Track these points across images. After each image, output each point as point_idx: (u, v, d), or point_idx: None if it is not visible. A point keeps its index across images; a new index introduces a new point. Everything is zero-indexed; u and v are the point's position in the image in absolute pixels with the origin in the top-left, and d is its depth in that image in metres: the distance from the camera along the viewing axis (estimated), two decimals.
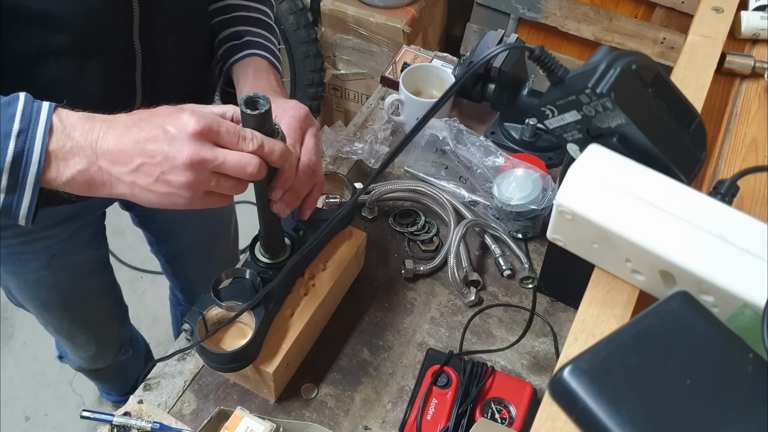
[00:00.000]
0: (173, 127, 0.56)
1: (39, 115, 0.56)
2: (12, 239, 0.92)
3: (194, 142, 0.56)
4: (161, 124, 0.56)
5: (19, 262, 0.97)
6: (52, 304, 1.08)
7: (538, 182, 0.95)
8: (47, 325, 1.17)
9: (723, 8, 0.86)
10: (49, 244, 0.96)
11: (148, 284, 2.02)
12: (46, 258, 0.97)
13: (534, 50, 0.59)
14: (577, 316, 0.56)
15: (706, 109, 0.78)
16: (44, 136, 0.55)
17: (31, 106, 0.56)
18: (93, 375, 1.45)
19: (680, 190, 0.54)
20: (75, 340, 1.21)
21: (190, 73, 0.90)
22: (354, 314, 0.94)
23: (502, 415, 0.81)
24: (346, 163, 1.12)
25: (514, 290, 0.98)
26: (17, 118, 0.55)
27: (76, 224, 0.98)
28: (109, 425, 0.80)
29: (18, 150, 0.55)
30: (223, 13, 0.89)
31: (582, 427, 0.44)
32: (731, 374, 0.43)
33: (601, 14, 1.91)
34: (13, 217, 0.59)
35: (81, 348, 1.25)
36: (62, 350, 1.39)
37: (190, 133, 0.56)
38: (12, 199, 0.57)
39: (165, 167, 0.56)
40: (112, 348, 1.31)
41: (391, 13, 1.96)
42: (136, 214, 1.19)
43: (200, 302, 0.77)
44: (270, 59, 0.87)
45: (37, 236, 0.94)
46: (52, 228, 0.94)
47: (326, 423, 0.83)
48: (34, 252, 0.96)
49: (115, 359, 1.33)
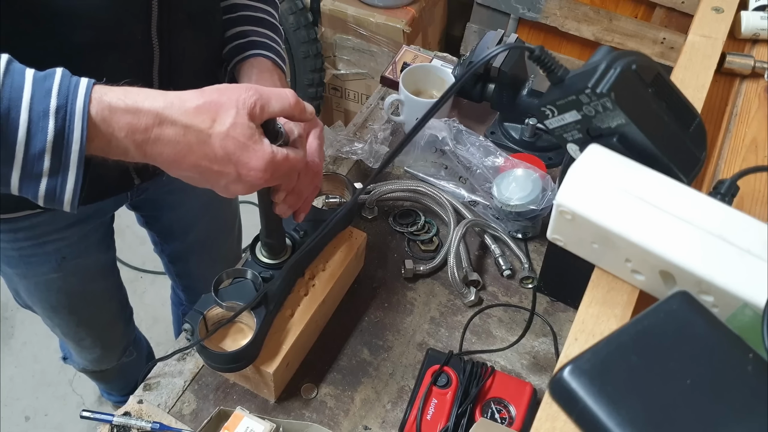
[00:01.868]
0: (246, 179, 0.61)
1: (78, 89, 0.54)
2: (23, 242, 0.92)
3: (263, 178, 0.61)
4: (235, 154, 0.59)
5: (30, 265, 0.97)
6: (60, 307, 1.08)
7: (537, 182, 0.95)
8: (54, 328, 1.17)
9: (723, 8, 0.86)
10: (59, 246, 0.96)
11: (148, 284, 2.02)
12: (57, 261, 0.97)
13: (534, 50, 0.59)
14: (577, 316, 0.56)
15: (706, 109, 0.78)
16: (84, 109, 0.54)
17: (69, 80, 0.55)
18: (96, 376, 1.45)
19: (680, 190, 0.54)
20: (81, 342, 1.21)
21: (204, 69, 0.90)
22: (354, 314, 0.94)
23: (502, 415, 0.81)
24: (346, 163, 1.12)
25: (514, 290, 0.98)
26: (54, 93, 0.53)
27: (87, 226, 0.98)
28: (109, 425, 0.80)
29: (59, 127, 0.53)
30: (228, 12, 0.90)
31: (582, 427, 0.44)
32: (731, 374, 0.43)
33: (601, 14, 1.91)
34: (57, 202, 0.56)
35: (87, 350, 1.25)
36: (67, 351, 1.39)
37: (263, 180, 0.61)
38: (56, 183, 0.55)
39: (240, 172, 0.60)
40: (117, 350, 1.31)
41: (391, 13, 1.96)
42: (143, 214, 1.19)
43: (201, 302, 0.77)
44: (274, 59, 0.87)
45: (48, 239, 0.94)
46: (64, 230, 0.94)
47: (326, 423, 0.83)
48: (45, 255, 0.96)
49: (119, 361, 1.33)
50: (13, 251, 0.94)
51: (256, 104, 0.59)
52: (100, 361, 1.30)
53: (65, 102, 0.53)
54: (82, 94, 0.54)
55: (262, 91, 0.60)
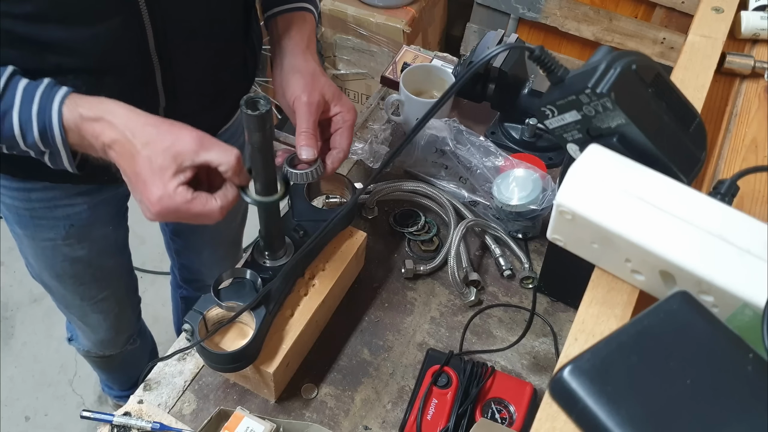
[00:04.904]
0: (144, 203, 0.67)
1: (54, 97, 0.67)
2: (36, 203, 0.95)
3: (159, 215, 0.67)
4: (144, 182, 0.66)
5: (39, 228, 0.99)
6: (65, 276, 1.09)
7: (538, 182, 0.95)
8: (59, 301, 1.18)
9: (723, 8, 0.86)
10: (69, 213, 0.98)
11: (148, 284, 2.02)
12: (65, 227, 0.99)
13: (534, 50, 0.59)
14: (577, 316, 0.56)
15: (706, 109, 0.78)
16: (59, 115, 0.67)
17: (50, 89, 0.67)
18: (99, 363, 1.45)
19: (680, 190, 0.54)
20: (86, 319, 1.21)
21: (214, 73, 0.90)
22: (354, 314, 0.94)
23: (502, 415, 0.81)
24: (346, 163, 1.12)
25: (514, 290, 0.98)
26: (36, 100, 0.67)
27: (99, 197, 1.00)
28: (109, 425, 0.80)
29: (41, 127, 0.67)
30: None
31: (582, 427, 0.44)
32: (731, 374, 0.43)
33: (601, 14, 1.91)
34: (61, 167, 0.71)
35: (92, 329, 1.25)
36: (72, 332, 1.39)
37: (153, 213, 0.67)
38: (54, 158, 0.70)
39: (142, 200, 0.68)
40: (122, 334, 1.32)
41: (391, 13, 1.96)
42: None
43: (201, 302, 0.77)
44: (317, 19, 0.89)
45: (59, 203, 0.96)
46: (75, 197, 0.96)
47: (326, 423, 0.83)
48: (54, 219, 0.98)
49: (123, 348, 1.34)
50: (25, 211, 0.96)
51: (189, 150, 0.65)
52: (104, 344, 1.31)
53: (44, 108, 0.66)
54: (57, 102, 0.67)
55: (205, 141, 0.66)
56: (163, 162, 0.64)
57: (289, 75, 0.81)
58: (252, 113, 0.61)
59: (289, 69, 0.82)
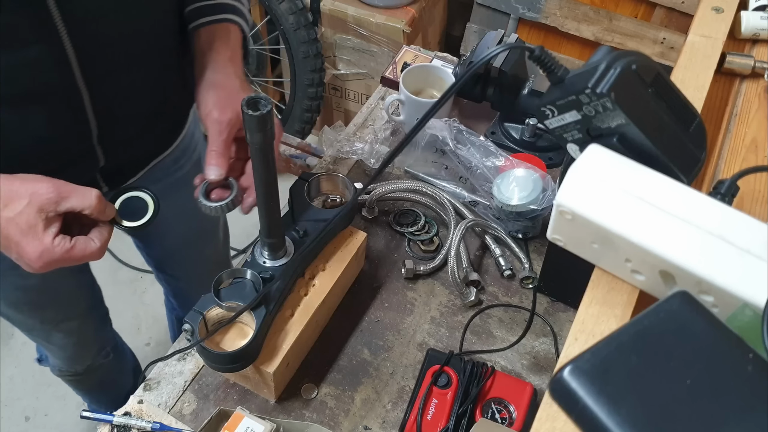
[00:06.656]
0: (23, 261, 0.68)
1: None
2: None
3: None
4: (15, 241, 0.66)
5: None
6: (20, 303, 1.06)
7: (538, 182, 0.95)
8: (19, 326, 1.15)
9: (723, 8, 0.86)
10: None
11: (148, 284, 2.02)
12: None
13: (534, 50, 0.59)
14: (577, 316, 0.56)
15: (706, 109, 0.78)
16: None
17: None
18: (75, 383, 1.41)
19: (680, 190, 0.54)
20: (51, 339, 1.18)
21: (151, 96, 0.87)
22: (354, 314, 0.94)
23: (502, 415, 0.81)
24: (346, 163, 1.12)
25: (514, 290, 0.98)
26: None
27: None
28: (109, 425, 0.80)
29: None
30: None
31: (582, 427, 0.44)
32: (731, 374, 0.43)
33: (601, 14, 1.91)
34: None
35: (58, 347, 1.22)
36: (41, 352, 1.36)
37: (36, 269, 0.68)
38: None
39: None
40: (91, 347, 1.28)
41: (391, 13, 1.96)
42: None
43: (201, 302, 0.77)
44: (245, 31, 0.85)
45: None
46: None
47: (326, 423, 0.83)
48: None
49: (94, 360, 1.30)
50: None
51: (50, 200, 0.66)
52: (74, 360, 1.27)
53: None
54: None
55: (62, 188, 0.67)
56: (29, 219, 0.65)
57: (205, 90, 0.79)
58: (253, 113, 0.61)
59: (207, 84, 0.79)
